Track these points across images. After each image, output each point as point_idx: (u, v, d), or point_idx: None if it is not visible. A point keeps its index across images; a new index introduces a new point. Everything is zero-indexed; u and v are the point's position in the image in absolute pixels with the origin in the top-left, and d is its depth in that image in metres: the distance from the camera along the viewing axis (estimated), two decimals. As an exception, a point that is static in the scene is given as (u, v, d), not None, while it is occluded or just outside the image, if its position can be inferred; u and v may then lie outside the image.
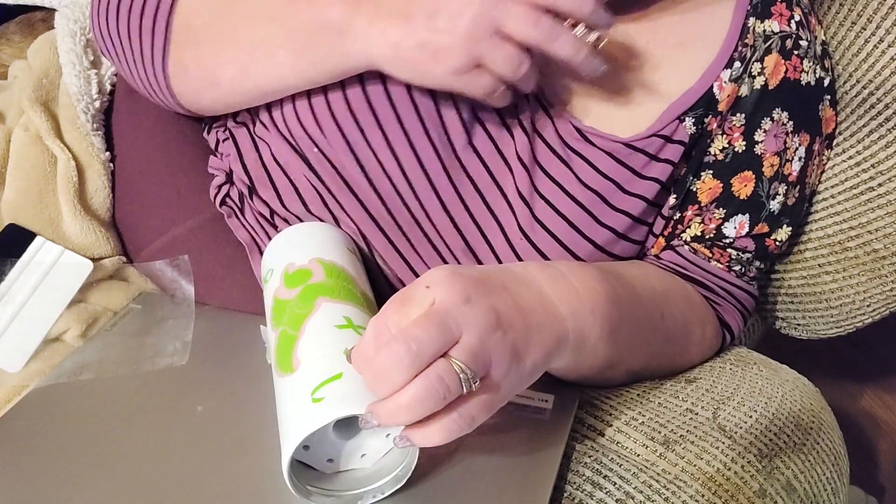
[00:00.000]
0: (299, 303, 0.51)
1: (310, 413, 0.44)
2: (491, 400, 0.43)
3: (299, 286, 0.53)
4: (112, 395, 0.55)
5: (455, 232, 0.61)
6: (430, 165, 0.59)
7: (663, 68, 0.61)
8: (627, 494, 0.51)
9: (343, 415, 0.43)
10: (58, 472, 0.49)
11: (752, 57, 0.61)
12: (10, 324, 0.60)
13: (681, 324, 0.62)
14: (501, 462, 0.50)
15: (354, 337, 0.49)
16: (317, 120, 0.59)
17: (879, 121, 0.68)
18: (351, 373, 0.45)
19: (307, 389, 0.45)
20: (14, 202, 0.65)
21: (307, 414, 0.44)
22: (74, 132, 0.69)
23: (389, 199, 0.61)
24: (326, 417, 0.43)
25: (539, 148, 0.60)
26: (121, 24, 0.61)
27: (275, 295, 0.54)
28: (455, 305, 0.42)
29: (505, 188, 0.60)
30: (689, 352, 0.64)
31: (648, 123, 0.60)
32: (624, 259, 0.63)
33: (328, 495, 0.46)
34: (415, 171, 0.59)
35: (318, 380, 0.45)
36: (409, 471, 0.47)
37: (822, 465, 0.57)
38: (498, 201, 0.60)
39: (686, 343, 0.63)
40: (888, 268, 0.70)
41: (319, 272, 0.54)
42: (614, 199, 0.60)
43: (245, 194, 0.66)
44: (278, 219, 0.64)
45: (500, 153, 0.60)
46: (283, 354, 0.48)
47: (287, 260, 0.56)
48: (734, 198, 0.63)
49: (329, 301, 0.51)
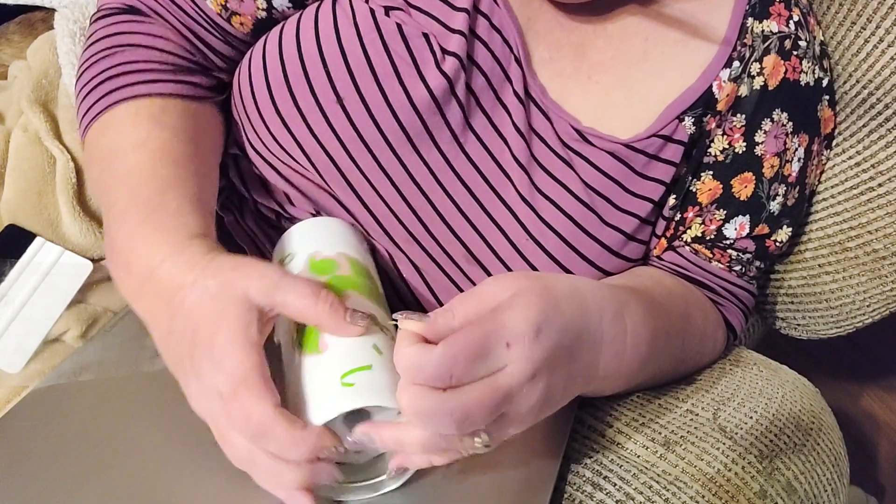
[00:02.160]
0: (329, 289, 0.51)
1: (341, 395, 0.44)
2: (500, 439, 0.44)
3: (327, 274, 0.53)
4: (112, 395, 0.55)
5: (456, 241, 0.60)
6: (423, 181, 0.59)
7: (662, 66, 0.61)
8: (627, 495, 0.51)
9: (376, 403, 0.44)
10: (58, 472, 0.49)
11: (750, 57, 0.61)
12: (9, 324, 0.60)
13: (697, 342, 0.62)
14: (501, 462, 0.50)
15: (381, 335, 0.48)
16: (303, 149, 0.58)
17: (879, 121, 0.68)
18: (380, 367, 0.45)
19: (337, 372, 0.45)
20: (13, 203, 0.65)
21: (338, 395, 0.44)
22: (74, 133, 0.69)
23: (385, 220, 0.60)
24: (358, 402, 0.44)
25: (537, 148, 0.59)
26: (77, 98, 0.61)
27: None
28: (520, 388, 0.42)
29: (503, 193, 0.59)
30: (701, 362, 0.64)
31: (647, 123, 0.60)
32: (633, 260, 0.63)
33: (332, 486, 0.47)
34: (409, 188, 0.59)
35: (349, 366, 0.45)
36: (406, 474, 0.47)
37: (822, 466, 0.57)
38: (497, 207, 0.59)
39: (700, 357, 0.64)
40: (888, 268, 0.70)
41: (346, 266, 0.54)
42: (619, 200, 0.60)
43: (246, 198, 0.66)
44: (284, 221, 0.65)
45: (494, 159, 0.59)
46: (309, 335, 0.48)
47: (312, 248, 0.56)
48: (734, 199, 0.63)
49: (357, 295, 0.51)
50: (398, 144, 0.57)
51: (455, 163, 0.59)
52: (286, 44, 0.58)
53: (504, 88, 0.59)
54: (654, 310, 0.55)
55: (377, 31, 0.56)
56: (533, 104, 0.59)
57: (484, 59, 0.58)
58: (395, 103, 0.56)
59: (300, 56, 0.57)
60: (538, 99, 0.59)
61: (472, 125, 0.59)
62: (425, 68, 0.56)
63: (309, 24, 0.57)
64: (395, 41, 0.56)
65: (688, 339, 0.60)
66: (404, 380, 0.41)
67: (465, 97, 0.58)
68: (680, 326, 0.59)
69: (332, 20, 0.57)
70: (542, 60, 0.60)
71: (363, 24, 0.56)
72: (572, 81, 0.61)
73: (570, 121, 0.60)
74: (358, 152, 0.57)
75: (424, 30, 0.56)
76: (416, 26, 0.56)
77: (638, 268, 0.64)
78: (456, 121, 0.58)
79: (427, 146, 0.58)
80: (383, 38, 0.56)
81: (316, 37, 0.57)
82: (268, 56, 0.58)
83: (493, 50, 0.58)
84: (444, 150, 0.58)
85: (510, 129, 0.59)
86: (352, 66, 0.56)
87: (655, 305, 0.55)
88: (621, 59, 0.61)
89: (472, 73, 0.58)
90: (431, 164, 0.58)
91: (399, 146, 0.57)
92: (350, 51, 0.56)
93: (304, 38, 0.57)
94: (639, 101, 0.60)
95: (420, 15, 0.57)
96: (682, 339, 0.59)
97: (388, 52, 0.56)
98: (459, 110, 0.58)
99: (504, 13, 0.58)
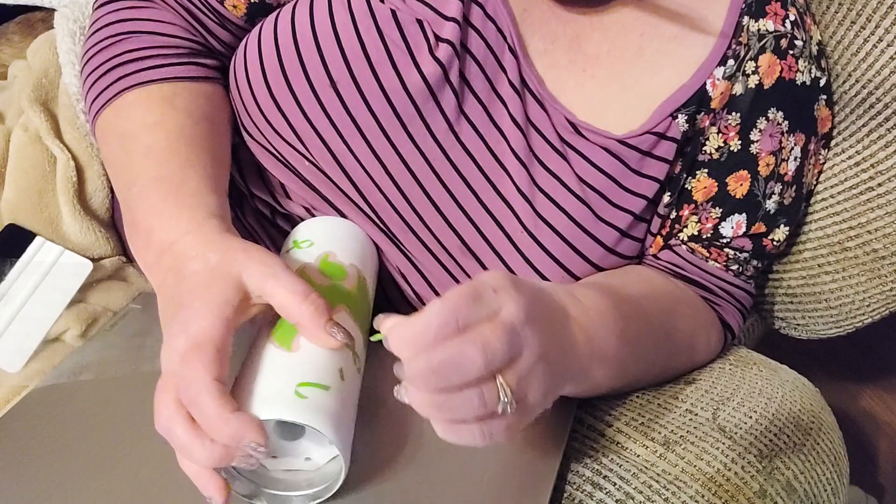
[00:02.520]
0: (325, 295, 0.51)
1: (290, 402, 0.44)
2: (514, 426, 0.43)
3: (331, 280, 0.53)
4: (112, 395, 0.55)
5: (450, 231, 0.61)
6: (418, 168, 0.59)
7: (657, 62, 0.61)
8: (627, 495, 0.51)
9: (318, 428, 0.43)
10: (57, 472, 0.49)
11: (745, 55, 0.61)
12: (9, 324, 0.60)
13: (686, 337, 0.62)
14: (501, 462, 0.50)
15: (351, 361, 0.49)
16: (297, 133, 0.59)
17: (879, 120, 0.68)
18: (336, 393, 0.46)
19: (296, 378, 0.45)
20: (14, 202, 0.65)
21: (287, 401, 0.44)
22: (74, 132, 0.69)
23: (380, 207, 0.61)
24: (302, 418, 0.43)
25: (536, 142, 0.59)
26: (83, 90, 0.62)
27: (304, 267, 0.54)
28: (521, 324, 0.41)
29: (500, 186, 0.60)
30: (694, 360, 0.64)
31: (642, 119, 0.60)
32: (629, 257, 0.63)
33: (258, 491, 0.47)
34: (402, 175, 0.59)
35: (310, 378, 0.45)
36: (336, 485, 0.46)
37: (822, 466, 0.57)
38: (493, 200, 0.60)
39: (691, 353, 0.63)
40: (888, 268, 0.70)
41: (353, 279, 0.54)
42: (613, 196, 0.60)
43: (245, 194, 0.66)
44: (279, 217, 0.65)
45: (491, 150, 0.59)
46: (287, 328, 0.48)
47: (331, 246, 0.56)
48: (730, 197, 0.63)
49: (348, 313, 0.51)
50: (392, 130, 0.58)
51: (451, 152, 0.59)
52: (281, 29, 0.58)
53: (499, 78, 0.59)
54: (621, 296, 0.55)
55: (372, 18, 0.57)
56: (529, 94, 0.60)
57: (477, 48, 0.58)
58: (389, 88, 0.57)
59: (295, 41, 0.57)
60: (535, 89, 0.60)
61: (467, 113, 0.59)
62: (419, 54, 0.57)
63: (304, 10, 0.58)
64: (390, 27, 0.56)
65: (674, 334, 0.60)
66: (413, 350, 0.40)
67: (459, 84, 0.58)
68: (662, 319, 0.59)
69: (328, 5, 0.58)
70: (537, 51, 0.60)
71: (358, 10, 0.57)
72: (567, 73, 0.61)
73: (566, 113, 0.60)
74: (352, 137, 0.58)
75: (418, 16, 0.57)
76: (410, 12, 0.57)
77: (628, 266, 0.64)
78: (450, 108, 0.58)
79: (422, 133, 0.58)
80: (378, 24, 0.57)
81: (311, 22, 0.57)
82: (263, 41, 0.59)
83: (486, 38, 0.58)
84: (440, 139, 0.58)
85: (507, 122, 0.59)
86: (346, 51, 0.56)
87: (622, 295, 0.56)
88: (616, 54, 0.61)
89: (466, 61, 0.58)
90: (426, 151, 0.59)
91: (393, 132, 0.58)
92: (345, 36, 0.56)
93: (298, 22, 0.58)
94: (633, 97, 0.61)
95: (414, 2, 0.58)
96: (665, 332, 0.59)
97: (383, 37, 0.56)
98: (453, 97, 0.58)
99: (498, 2, 0.59)
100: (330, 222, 0.60)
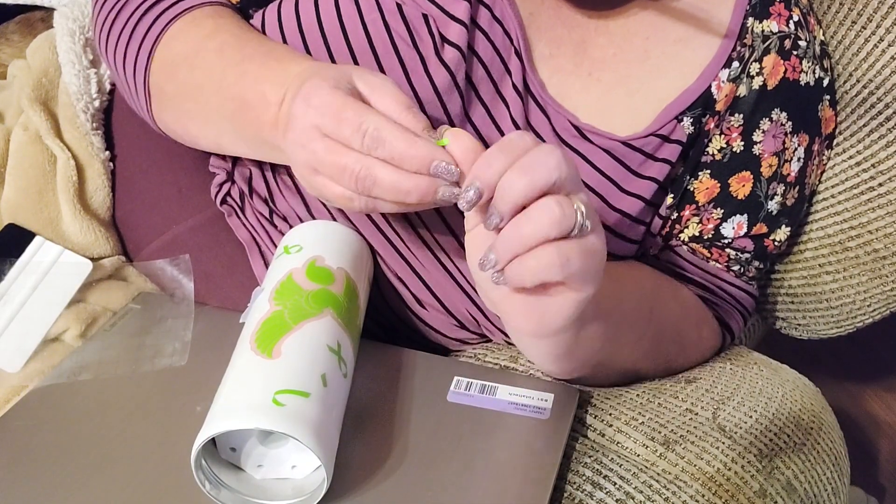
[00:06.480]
0: (310, 300, 0.51)
1: (266, 409, 0.43)
2: (588, 251, 0.44)
3: (318, 284, 0.53)
4: (112, 395, 0.55)
5: (448, 233, 0.60)
6: None
7: (662, 65, 0.61)
8: (627, 494, 0.51)
9: (295, 436, 0.43)
10: (57, 472, 0.49)
11: (750, 57, 0.61)
12: (9, 324, 0.60)
13: (672, 321, 0.62)
14: (501, 462, 0.50)
15: (335, 366, 0.48)
16: None
17: (880, 120, 0.68)
18: (317, 400, 0.45)
19: (274, 385, 0.45)
20: (13, 202, 0.65)
21: (262, 408, 0.43)
22: (74, 131, 0.69)
23: None
24: (279, 426, 0.43)
25: None
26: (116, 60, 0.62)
27: (291, 272, 0.54)
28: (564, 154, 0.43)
29: None
30: (686, 353, 0.64)
31: (646, 122, 0.60)
32: (625, 258, 0.63)
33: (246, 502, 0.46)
34: None
35: (288, 385, 0.45)
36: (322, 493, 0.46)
37: (822, 465, 0.57)
38: None
39: (681, 344, 0.63)
40: (888, 268, 0.70)
41: (341, 284, 0.54)
42: (612, 198, 0.60)
43: (246, 193, 0.66)
44: (277, 218, 0.64)
45: None
46: (269, 335, 0.48)
47: (319, 250, 0.56)
48: (732, 198, 0.63)
49: (334, 318, 0.51)
50: None
51: None
52: (286, 18, 0.58)
53: (503, 81, 0.59)
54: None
55: (378, 10, 0.56)
56: (531, 98, 0.60)
57: (485, 51, 0.58)
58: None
59: (300, 31, 0.57)
60: (537, 94, 0.59)
61: (471, 116, 0.59)
62: (426, 54, 0.56)
63: (308, 3, 0.58)
64: (396, 20, 0.56)
65: (655, 309, 0.60)
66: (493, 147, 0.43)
67: (466, 89, 0.58)
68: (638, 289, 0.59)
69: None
70: (543, 56, 0.60)
71: (364, 3, 0.57)
72: (573, 78, 0.61)
73: (569, 117, 0.60)
74: None
75: (424, 10, 0.57)
76: (416, 7, 0.57)
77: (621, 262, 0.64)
78: (455, 111, 0.58)
79: None
80: (384, 17, 0.56)
81: (317, 15, 0.57)
82: (268, 30, 0.59)
83: (493, 41, 0.58)
84: None
85: (507, 123, 0.59)
86: (353, 45, 0.56)
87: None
88: (622, 58, 0.61)
89: (473, 64, 0.58)
90: None
91: None
92: (351, 29, 0.56)
93: (303, 11, 0.58)
94: (638, 100, 0.61)
95: None
96: (648, 305, 0.59)
97: (389, 30, 0.56)
98: (459, 101, 0.58)
99: (506, 5, 0.59)
100: (320, 226, 0.59)
